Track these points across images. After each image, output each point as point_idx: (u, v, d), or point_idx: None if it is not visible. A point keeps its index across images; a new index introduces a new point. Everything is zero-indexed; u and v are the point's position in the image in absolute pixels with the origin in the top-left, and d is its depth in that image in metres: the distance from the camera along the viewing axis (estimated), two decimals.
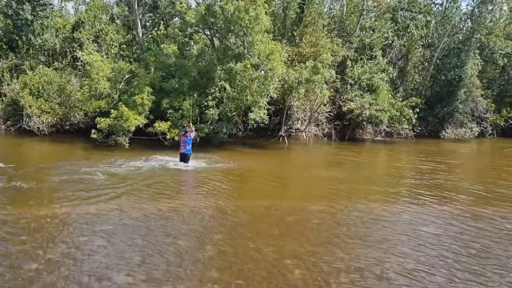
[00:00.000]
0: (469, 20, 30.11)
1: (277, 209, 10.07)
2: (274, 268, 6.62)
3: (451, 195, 12.03)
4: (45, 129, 21.24)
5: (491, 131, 32.16)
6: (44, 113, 21.46)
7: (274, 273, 6.43)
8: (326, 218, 9.45)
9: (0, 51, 24.90)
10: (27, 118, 21.59)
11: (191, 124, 16.66)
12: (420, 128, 29.97)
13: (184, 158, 15.11)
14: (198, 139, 19.41)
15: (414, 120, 26.04)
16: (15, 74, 24.19)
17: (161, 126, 18.64)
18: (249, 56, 19.22)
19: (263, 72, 18.96)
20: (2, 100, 24.23)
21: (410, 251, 7.49)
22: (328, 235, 8.24)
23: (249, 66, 18.68)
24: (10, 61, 24.49)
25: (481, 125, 31.81)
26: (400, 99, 26.51)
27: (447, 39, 30.23)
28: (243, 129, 22.84)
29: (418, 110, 26.54)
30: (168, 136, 18.72)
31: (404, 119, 25.48)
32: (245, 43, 19.52)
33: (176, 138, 17.90)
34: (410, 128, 27.42)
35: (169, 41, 21.53)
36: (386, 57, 29.74)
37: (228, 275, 6.27)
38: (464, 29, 29.90)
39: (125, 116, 17.67)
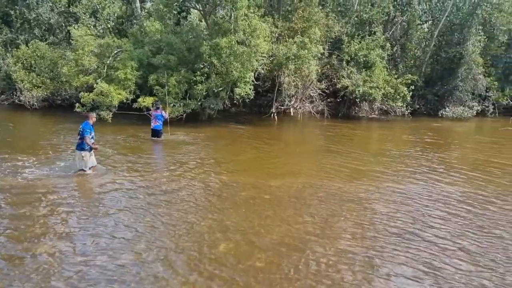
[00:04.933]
0: None
1: (235, 185, 10.14)
2: (203, 241, 6.74)
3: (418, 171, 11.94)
4: (35, 103, 21.58)
5: (492, 110, 31.54)
6: (35, 87, 21.77)
7: (199, 245, 6.55)
8: (279, 193, 9.50)
9: None
10: (19, 93, 21.94)
11: (166, 109, 16.76)
12: (418, 106, 29.53)
13: (156, 133, 15.34)
14: (184, 115, 19.61)
15: (409, 98, 25.59)
16: (9, 49, 24.45)
17: (145, 101, 18.74)
18: (234, 31, 19.05)
19: (249, 48, 18.76)
20: None
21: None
22: (273, 211, 8.29)
23: (233, 42, 18.53)
24: (5, 35, 24.69)
25: (483, 104, 31.21)
26: (396, 76, 26.01)
27: (449, 15, 29.36)
28: (230, 105, 22.81)
29: (413, 88, 26.07)
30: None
31: (398, 96, 25.08)
32: (232, 18, 19.34)
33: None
34: (406, 106, 26.93)
35: (155, 17, 21.37)
36: (388, 33, 29.18)
37: (153, 248, 6.41)
38: (467, 4, 28.97)
39: (106, 92, 17.79)
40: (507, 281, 5.85)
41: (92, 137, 10.35)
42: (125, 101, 18.92)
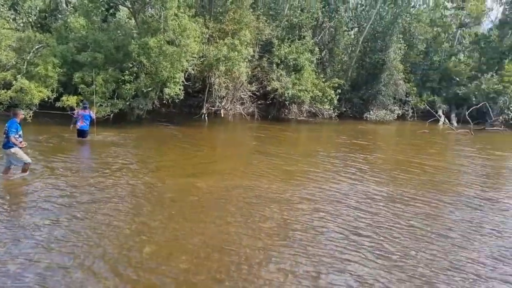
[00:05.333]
0: (393, 4, 30.81)
1: (164, 186, 9.96)
2: (128, 244, 6.56)
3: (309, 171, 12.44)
4: None
5: (412, 114, 33.65)
6: None
7: (124, 248, 6.37)
8: (208, 194, 9.48)
9: None
10: None
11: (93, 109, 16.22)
12: (345, 109, 30.81)
13: (82, 133, 14.72)
14: (112, 115, 19.01)
15: (336, 101, 26.64)
16: None
17: (69, 100, 17.92)
18: (164, 31, 18.79)
19: (178, 48, 18.59)
20: None
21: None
22: (200, 212, 8.26)
23: (163, 41, 18.26)
24: None
25: (403, 108, 33.21)
26: (324, 80, 26.97)
27: (373, 23, 30.91)
28: (160, 106, 22.41)
29: (340, 91, 27.23)
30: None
31: (326, 99, 26.00)
32: (161, 18, 19.06)
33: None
34: (332, 108, 27.99)
35: (81, 12, 20.56)
36: (317, 38, 30.18)
37: (78, 253, 6.15)
38: (389, 13, 30.70)
39: (26, 89, 16.82)
40: (420, 269, 6.24)
41: (20, 136, 9.76)
42: (47, 99, 17.97)
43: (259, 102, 26.32)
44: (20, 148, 9.75)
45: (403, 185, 11.42)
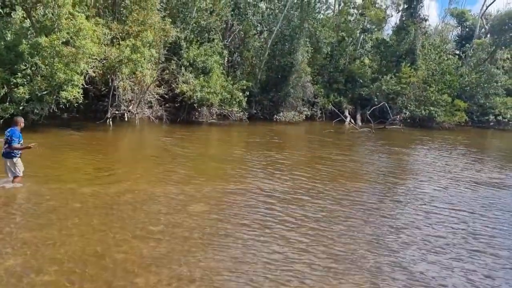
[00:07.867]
0: (300, 9, 31.73)
1: (44, 194, 9.31)
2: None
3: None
4: None
5: (320, 114, 34.92)
6: None
7: None
8: (93, 201, 9.02)
9: None
10: None
11: None
12: (255, 111, 31.17)
13: None
14: (1, 121, 17.57)
15: (244, 103, 26.89)
16: None
17: None
18: (58, 30, 17.76)
19: (73, 49, 17.65)
20: None
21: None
22: (79, 220, 7.82)
23: (56, 42, 17.24)
24: None
25: (312, 109, 34.37)
26: (232, 82, 27.10)
27: (281, 27, 31.64)
28: (60, 110, 21.08)
29: (250, 94, 27.54)
30: None
31: (234, 102, 26.15)
32: (54, 16, 18.00)
33: None
34: (243, 110, 28.25)
35: None
36: (227, 41, 30.30)
37: None
38: (296, 18, 31.60)
39: None
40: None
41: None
42: None
43: (167, 105, 25.81)
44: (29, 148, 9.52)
45: (323, 178, 12.60)
